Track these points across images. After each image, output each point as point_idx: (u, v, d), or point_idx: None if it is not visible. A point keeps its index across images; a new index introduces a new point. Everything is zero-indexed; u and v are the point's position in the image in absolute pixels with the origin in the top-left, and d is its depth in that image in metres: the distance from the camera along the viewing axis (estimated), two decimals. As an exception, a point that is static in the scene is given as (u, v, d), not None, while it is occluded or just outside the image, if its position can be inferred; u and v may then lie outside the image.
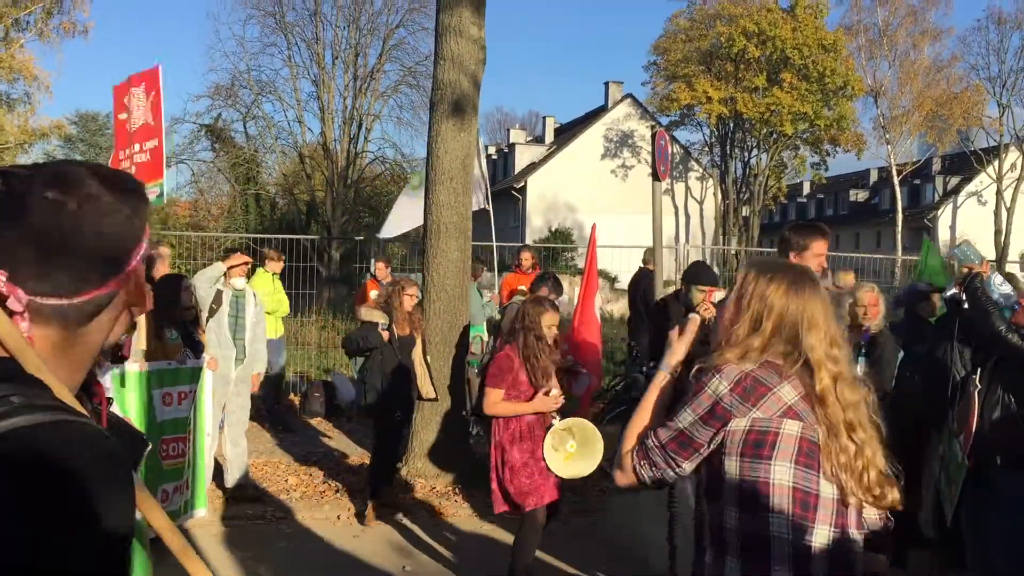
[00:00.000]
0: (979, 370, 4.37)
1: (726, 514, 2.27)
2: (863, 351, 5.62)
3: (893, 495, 2.30)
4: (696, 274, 6.36)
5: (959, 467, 4.38)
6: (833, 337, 2.31)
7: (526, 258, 10.49)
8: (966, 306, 4.64)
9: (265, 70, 42.23)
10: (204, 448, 5.99)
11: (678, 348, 2.50)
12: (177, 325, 6.00)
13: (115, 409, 1.55)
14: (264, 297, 8.02)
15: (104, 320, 1.14)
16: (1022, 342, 4.31)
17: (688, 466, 2.31)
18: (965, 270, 4.83)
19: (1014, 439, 4.22)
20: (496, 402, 5.01)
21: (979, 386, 4.25)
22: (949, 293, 4.80)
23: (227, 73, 41.23)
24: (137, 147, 7.28)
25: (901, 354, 5.83)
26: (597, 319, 7.95)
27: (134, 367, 5.33)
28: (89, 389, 1.18)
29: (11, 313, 1.03)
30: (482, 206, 9.43)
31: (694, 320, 2.55)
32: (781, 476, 2.20)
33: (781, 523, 2.20)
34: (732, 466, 2.25)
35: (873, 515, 2.38)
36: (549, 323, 5.11)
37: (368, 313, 6.78)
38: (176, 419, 5.65)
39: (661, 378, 2.49)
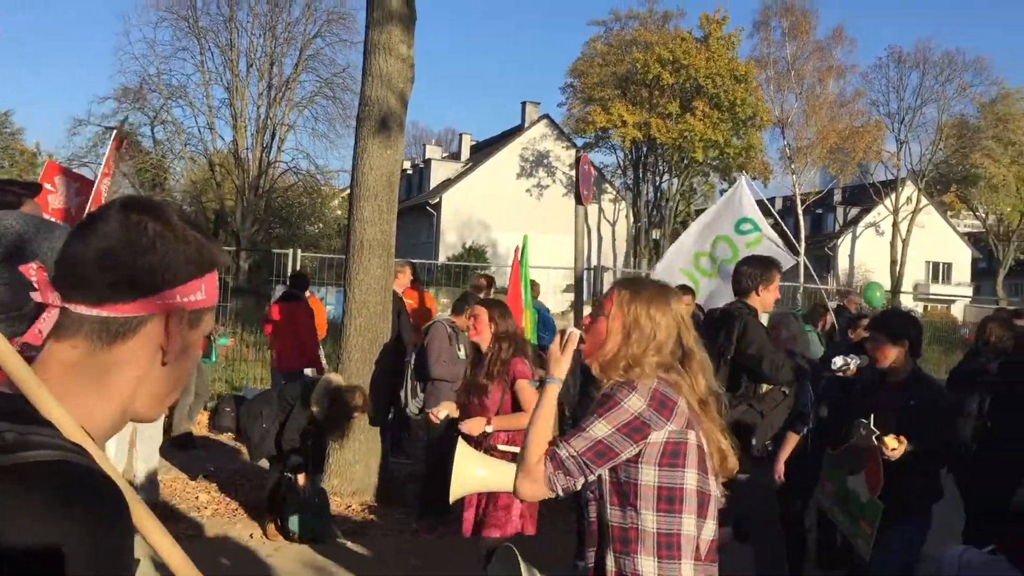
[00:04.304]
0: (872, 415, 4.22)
1: (641, 516, 2.45)
2: None
3: (733, 462, 2.59)
4: None
5: (872, 506, 4.24)
6: (696, 337, 2.63)
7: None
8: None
9: (176, 74, 41.13)
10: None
11: (564, 361, 2.67)
12: None
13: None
14: None
15: (131, 350, 1.08)
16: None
17: (600, 472, 2.49)
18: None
19: (907, 484, 4.19)
20: None
21: (875, 431, 4.09)
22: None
23: (136, 76, 40.10)
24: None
25: None
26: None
27: None
28: None
29: (39, 309, 1.04)
30: (793, 262, 9.17)
31: (574, 334, 2.70)
32: (690, 481, 2.44)
33: (690, 523, 2.45)
34: (649, 474, 2.44)
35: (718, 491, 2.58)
36: None
37: (319, 396, 6.30)
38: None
39: (554, 390, 2.65)
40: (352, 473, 7.53)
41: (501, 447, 4.70)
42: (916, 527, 4.22)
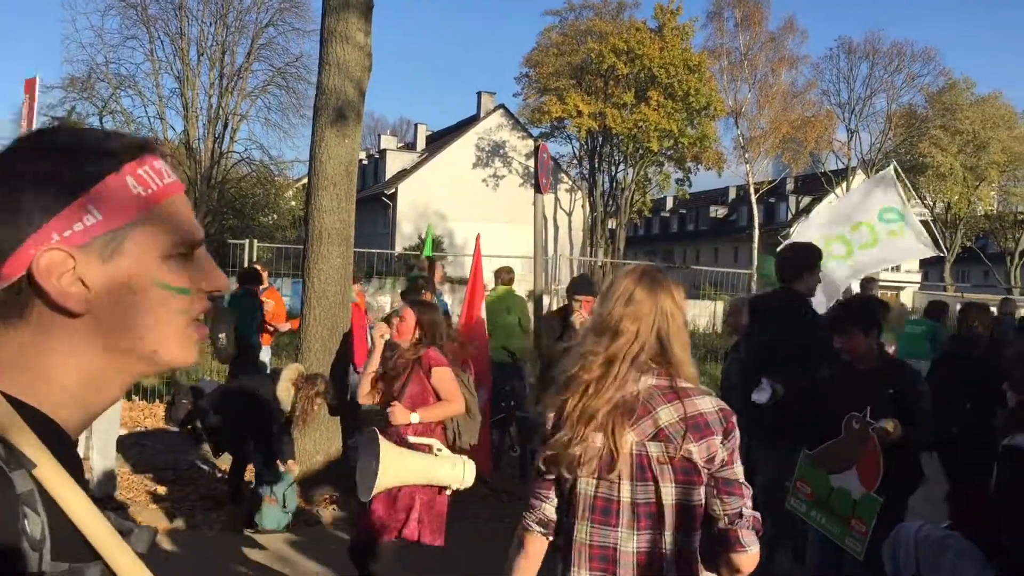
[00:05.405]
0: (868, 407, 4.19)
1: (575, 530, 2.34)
2: None
3: None
4: (576, 286, 6.76)
5: (868, 502, 4.14)
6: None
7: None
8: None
9: (125, 63, 40.24)
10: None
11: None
12: None
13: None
14: None
15: (43, 316, 0.90)
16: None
17: (551, 495, 2.40)
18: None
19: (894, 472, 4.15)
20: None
21: (872, 422, 4.09)
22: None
23: (83, 65, 39.16)
24: None
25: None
26: (485, 332, 7.97)
27: None
28: None
29: None
30: (937, 252, 8.61)
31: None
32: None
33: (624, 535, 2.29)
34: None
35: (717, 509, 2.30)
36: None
37: (285, 386, 6.37)
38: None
39: None
40: (313, 463, 7.50)
41: (412, 439, 4.63)
42: (902, 512, 4.25)
